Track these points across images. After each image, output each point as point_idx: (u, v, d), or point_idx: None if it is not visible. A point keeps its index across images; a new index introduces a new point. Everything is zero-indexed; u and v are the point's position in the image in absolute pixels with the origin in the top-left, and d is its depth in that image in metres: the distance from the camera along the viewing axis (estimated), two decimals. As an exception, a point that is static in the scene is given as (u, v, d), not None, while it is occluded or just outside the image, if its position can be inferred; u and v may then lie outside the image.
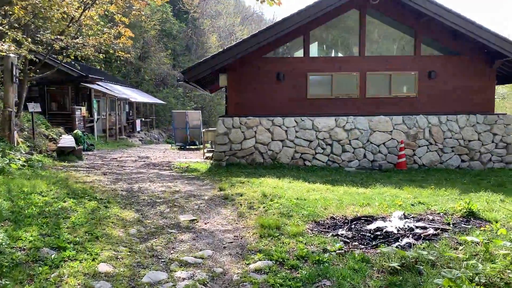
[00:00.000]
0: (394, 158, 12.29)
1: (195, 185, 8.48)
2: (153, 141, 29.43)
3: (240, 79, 12.48)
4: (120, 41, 19.07)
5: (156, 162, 13.41)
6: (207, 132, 14.91)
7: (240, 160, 12.22)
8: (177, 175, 9.91)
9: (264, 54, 12.55)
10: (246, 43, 11.62)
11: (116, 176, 9.48)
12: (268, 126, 12.25)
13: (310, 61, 12.57)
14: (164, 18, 45.15)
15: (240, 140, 12.23)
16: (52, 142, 14.83)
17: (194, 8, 51.51)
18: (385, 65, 12.62)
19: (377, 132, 12.39)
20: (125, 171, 10.52)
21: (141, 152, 17.19)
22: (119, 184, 8.31)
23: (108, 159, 13.96)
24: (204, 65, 11.65)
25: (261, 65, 12.50)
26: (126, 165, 12.06)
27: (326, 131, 12.30)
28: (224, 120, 12.29)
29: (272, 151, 12.25)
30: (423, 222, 5.18)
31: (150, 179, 9.15)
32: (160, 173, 10.43)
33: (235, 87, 12.50)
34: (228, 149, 12.23)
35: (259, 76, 12.49)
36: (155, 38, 42.43)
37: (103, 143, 20.35)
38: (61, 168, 10.43)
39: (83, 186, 7.44)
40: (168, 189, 7.87)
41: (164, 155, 16.25)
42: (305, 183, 8.45)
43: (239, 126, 12.24)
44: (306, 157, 12.27)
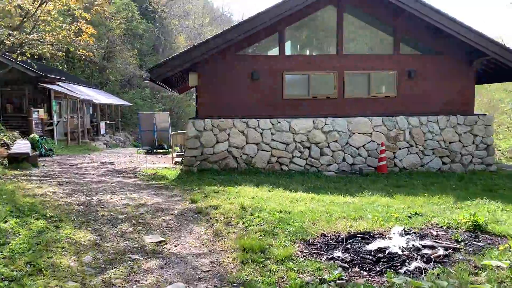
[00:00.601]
0: (375, 161, 11.73)
1: (163, 196, 7.55)
2: (119, 144, 28.04)
3: (211, 78, 11.61)
4: (81, 39, 17.82)
5: (121, 168, 12.33)
6: (176, 135, 13.94)
7: (213, 165, 11.35)
8: (143, 184, 8.94)
9: (237, 51, 11.74)
10: (219, 39, 10.76)
11: (74, 186, 8.42)
12: (242, 128, 11.44)
13: (286, 59, 11.85)
14: (129, 17, 43.61)
15: (212, 143, 11.36)
16: (4, 147, 13.48)
17: (161, 7, 50.15)
18: (364, 64, 12.06)
19: (356, 134, 11.80)
20: (84, 180, 9.45)
21: (105, 157, 16.00)
22: (76, 196, 7.29)
23: (67, 165, 12.77)
24: (172, 62, 10.71)
25: (234, 63, 11.68)
26: (86, 173, 10.95)
27: (304, 133, 11.61)
28: (194, 122, 11.39)
29: (246, 155, 11.44)
30: (429, 240, 4.50)
31: (112, 189, 8.15)
32: (124, 181, 9.42)
33: (207, 87, 11.63)
34: (199, 153, 11.33)
35: (232, 75, 11.66)
36: (121, 37, 40.84)
37: (64, 147, 18.97)
38: (11, 177, 9.26)
39: (31, 201, 6.39)
40: (132, 202, 6.92)
41: (130, 160, 15.15)
42: (286, 192, 7.69)
43: (211, 129, 11.37)
44: (283, 161, 11.53)
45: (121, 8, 42.15)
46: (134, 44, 43.58)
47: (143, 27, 46.78)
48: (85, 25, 17.51)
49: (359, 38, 12.47)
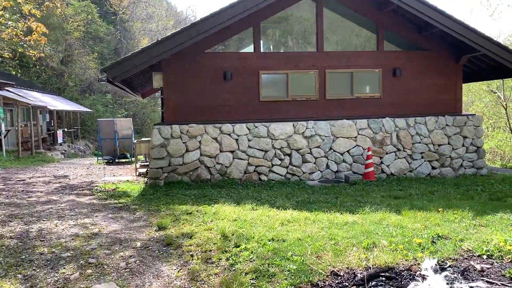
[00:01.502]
0: (361, 167, 10.71)
1: (123, 220, 6.15)
2: (78, 153, 26.04)
3: (179, 78, 10.28)
4: (31, 38, 16.01)
5: (76, 183, 10.76)
6: (139, 143, 12.47)
7: (182, 177, 10.00)
8: (99, 204, 7.49)
9: (207, 48, 10.46)
10: (186, 33, 9.44)
11: (13, 209, 6.88)
12: (215, 134, 10.16)
13: (262, 57, 10.67)
14: (89, 19, 41.46)
15: (181, 152, 10.01)
16: None
17: (123, 9, 48.19)
18: (346, 62, 11.05)
19: (340, 138, 10.76)
20: (28, 200, 7.89)
21: (60, 170, 14.29)
22: (12, 224, 5.79)
23: (13, 181, 11.06)
24: (132, 60, 9.29)
25: (204, 62, 10.39)
26: (33, 190, 9.35)
27: (284, 138, 10.45)
28: (160, 129, 10.01)
29: (221, 165, 10.16)
30: (480, 281, 3.38)
31: (60, 212, 6.67)
32: (77, 201, 7.93)
33: (173, 89, 10.28)
34: (166, 164, 9.95)
35: (202, 74, 10.36)
36: (80, 40, 38.65)
37: (14, 160, 17.02)
38: None
39: None
40: (82, 231, 5.50)
41: (88, 172, 13.53)
42: (272, 210, 6.46)
43: (180, 136, 10.03)
44: (262, 170, 10.32)
45: (79, 10, 39.99)
46: (94, 47, 41.44)
47: (103, 30, 44.66)
48: (36, 23, 15.74)
49: (341, 34, 11.46)
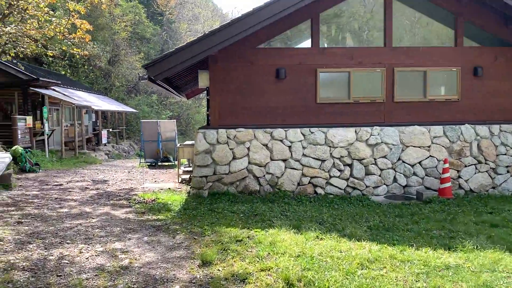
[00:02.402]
0: (434, 182, 9.17)
1: (160, 246, 5.07)
2: (122, 154, 25.74)
3: (226, 77, 9.19)
4: (75, 36, 15.52)
5: (114, 190, 9.92)
6: (183, 148, 11.50)
7: (228, 188, 8.89)
8: (135, 221, 6.48)
9: (258, 44, 9.30)
10: (234, 26, 8.31)
11: (38, 225, 6.00)
12: (265, 140, 8.98)
13: (320, 53, 9.38)
14: (136, 20, 41.71)
15: (227, 160, 8.91)
16: (-23, 163, 11.16)
17: (170, 10, 48.29)
18: (419, 59, 9.54)
19: (410, 147, 9.27)
20: (58, 212, 7.03)
21: (100, 173, 13.63)
22: (30, 248, 4.85)
23: (49, 186, 10.39)
24: (176, 56, 8.27)
25: (254, 59, 9.24)
26: (67, 198, 8.55)
27: (344, 146, 9.11)
28: (205, 133, 8.95)
29: (271, 175, 8.97)
30: None
31: (88, 232, 5.69)
32: (111, 214, 6.97)
33: (220, 89, 9.19)
34: (211, 172, 8.88)
35: (252, 73, 9.22)
36: (127, 41, 38.86)
37: (57, 160, 16.64)
38: (-40, 209, 6.89)
39: None
40: (110, 262, 4.46)
41: (129, 176, 12.74)
42: (343, 240, 5.17)
43: (226, 141, 8.93)
44: (318, 183, 9.02)
45: (127, 11, 40.27)
46: (141, 48, 41.64)
47: (150, 30, 44.88)
48: (80, 21, 15.22)
49: (412, 27, 9.96)
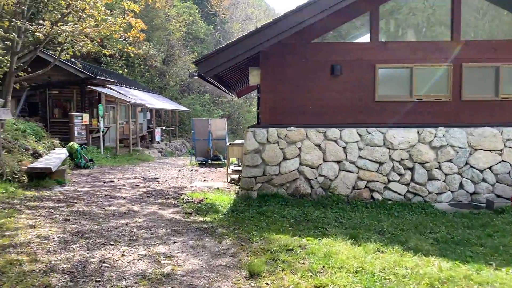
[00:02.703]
0: (506, 189, 8.24)
1: (205, 252, 4.75)
2: (175, 152, 26.08)
3: (278, 74, 8.78)
4: (130, 35, 15.78)
5: (163, 188, 9.82)
6: (232, 147, 11.23)
7: (278, 190, 8.48)
8: (182, 222, 6.22)
9: (312, 38, 8.81)
10: (287, 19, 7.88)
11: (84, 223, 5.90)
12: (318, 140, 8.48)
13: (380, 47, 8.72)
14: (190, 20, 42.41)
15: (277, 160, 8.50)
16: (35, 158, 11.53)
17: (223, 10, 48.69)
18: (491, 54, 8.63)
19: (480, 151, 8.39)
20: (106, 210, 6.95)
21: (151, 170, 13.70)
22: (73, 248, 4.70)
23: (101, 183, 10.49)
24: (227, 52, 7.98)
25: (308, 54, 8.76)
26: (117, 196, 8.52)
27: (405, 148, 8.40)
28: (255, 132, 8.60)
29: (324, 177, 8.45)
30: None
31: (133, 233, 5.50)
32: (159, 214, 6.79)
33: (272, 86, 8.80)
34: (260, 173, 8.51)
35: (305, 69, 8.74)
36: (181, 41, 39.59)
37: (111, 157, 17.01)
38: (14, 202, 6.98)
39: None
40: (152, 268, 4.19)
41: (179, 175, 12.68)
42: (407, 255, 4.59)
43: (277, 141, 8.52)
44: (375, 187, 8.39)
45: (182, 11, 41.02)
46: (194, 48, 42.28)
47: (204, 30, 45.49)
48: (134, 19, 15.45)
49: (483, 19, 9.05)
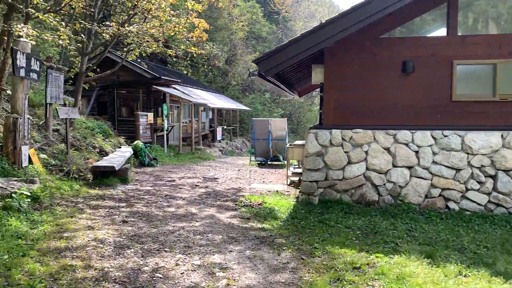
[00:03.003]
0: None
1: (262, 265, 4.41)
2: (235, 151, 26.17)
3: (343, 71, 8.24)
4: (193, 35, 15.87)
5: (222, 189, 9.65)
6: (292, 148, 10.83)
7: (342, 196, 7.96)
8: (239, 228, 5.94)
9: (381, 33, 8.17)
10: (354, 13, 7.33)
11: (142, 226, 5.80)
12: (387, 144, 7.84)
13: (458, 42, 7.89)
14: (253, 19, 42.52)
15: (341, 164, 7.98)
16: (102, 156, 11.90)
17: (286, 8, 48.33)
18: None
19: None
20: (165, 212, 6.85)
21: (212, 170, 13.66)
22: (127, 254, 4.57)
23: (162, 181, 10.56)
24: (288, 49, 7.59)
25: (376, 50, 8.13)
26: (176, 196, 8.45)
27: (486, 154, 7.53)
28: (317, 133, 8.13)
29: (393, 184, 7.80)
30: None
31: (189, 239, 5.28)
32: (216, 218, 6.57)
33: (336, 84, 8.28)
34: (322, 177, 8.03)
35: (373, 66, 8.12)
36: (243, 40, 39.79)
37: (174, 156, 17.29)
38: (73, 202, 7.10)
39: (44, 269, 3.82)
40: (205, 281, 3.92)
41: (238, 175, 12.50)
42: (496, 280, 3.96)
43: (341, 143, 8.00)
44: (451, 196, 7.59)
45: (245, 11, 41.22)
46: (256, 47, 42.32)
47: (266, 29, 45.44)
48: (198, 19, 15.51)
49: None
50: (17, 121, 7.41)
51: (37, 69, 8.19)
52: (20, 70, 7.34)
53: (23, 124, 7.64)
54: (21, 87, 7.60)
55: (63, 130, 11.63)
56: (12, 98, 7.65)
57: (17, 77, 7.48)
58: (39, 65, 8.29)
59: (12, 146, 7.37)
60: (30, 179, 6.81)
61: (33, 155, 8.06)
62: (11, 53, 7.11)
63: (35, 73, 8.11)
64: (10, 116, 7.41)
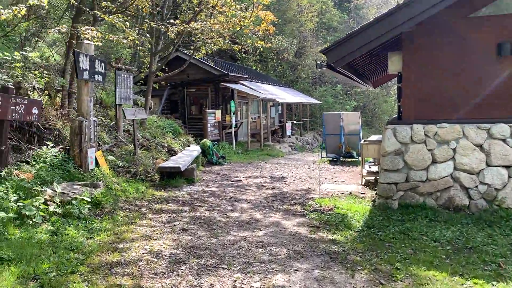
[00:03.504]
0: None
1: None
2: (306, 146, 25.41)
3: (425, 59, 7.23)
4: (259, 28, 15.39)
5: (290, 190, 9.06)
6: (367, 145, 9.90)
7: (425, 200, 7.00)
8: (306, 240, 5.31)
9: (470, 12, 7.03)
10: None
11: (200, 236, 5.39)
12: (479, 139, 6.74)
13: None
14: (323, 9, 41.20)
15: (424, 164, 7.01)
16: (171, 155, 11.87)
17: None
18: None
19: None
20: (227, 217, 6.42)
21: (280, 168, 13.12)
22: (181, 271, 4.15)
23: (229, 181, 10.23)
24: (360, 36, 6.75)
25: (465, 32, 7.01)
26: (241, 199, 8.02)
27: None
28: (395, 129, 7.22)
29: (487, 186, 6.68)
30: None
31: (249, 253, 4.75)
32: (282, 225, 6.00)
33: (417, 74, 7.29)
34: (402, 179, 7.12)
35: (461, 51, 7.02)
36: (313, 31, 38.71)
37: (242, 153, 17.02)
38: (137, 206, 6.92)
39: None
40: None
41: (308, 174, 11.82)
42: None
43: (424, 140, 7.02)
44: (562, 201, 6.33)
45: (314, 1, 40.04)
46: (327, 37, 40.99)
47: (337, 19, 43.89)
48: (264, 12, 14.99)
49: None
50: (82, 124, 7.40)
51: (101, 71, 8.16)
52: (84, 72, 7.30)
53: (89, 126, 7.63)
54: (86, 89, 7.58)
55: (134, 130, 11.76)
56: (78, 101, 7.66)
57: (81, 80, 7.45)
58: (103, 67, 8.26)
59: (78, 149, 7.38)
60: (94, 183, 6.73)
61: (100, 157, 8.05)
62: (73, 55, 7.07)
63: (99, 75, 8.09)
64: (76, 119, 7.42)
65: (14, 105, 5.87)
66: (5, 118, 5.70)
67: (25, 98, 6.35)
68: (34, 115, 6.39)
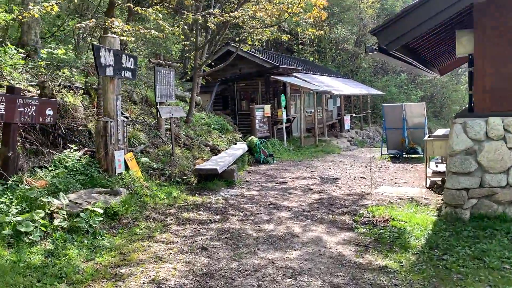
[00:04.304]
0: None
1: None
2: (366, 141, 23.79)
3: (502, 37, 5.81)
4: (310, 15, 14.26)
5: (340, 195, 7.97)
6: (432, 141, 8.46)
7: (506, 210, 5.63)
8: (350, 266, 4.25)
9: None
10: None
11: (217, 260, 4.52)
12: None
13: None
14: (386, -6, 38.83)
15: (504, 166, 5.64)
16: (214, 154, 11.18)
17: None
18: None
19: None
20: (258, 233, 5.51)
21: (333, 167, 11.97)
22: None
23: (273, 183, 9.33)
24: (418, 11, 5.48)
25: (559, -2, 5.51)
26: (282, 206, 7.07)
27: None
28: (466, 124, 5.89)
29: None
30: None
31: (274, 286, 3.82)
32: (322, 244, 4.98)
33: (493, 55, 5.89)
34: (475, 184, 5.79)
35: (554, 22, 5.54)
36: (374, 18, 36.54)
37: (293, 150, 15.99)
38: (164, 215, 6.23)
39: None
40: None
41: (364, 173, 10.58)
42: None
43: (502, 136, 5.65)
44: None
45: (377, -14, 37.74)
46: (389, 24, 38.53)
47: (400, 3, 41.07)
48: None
49: None
50: (107, 124, 6.84)
51: (131, 66, 7.57)
52: (106, 68, 6.72)
53: (116, 127, 7.07)
54: (111, 87, 7.02)
55: (176, 128, 11.21)
56: (103, 100, 7.13)
57: (106, 77, 6.89)
58: (133, 62, 7.67)
59: (104, 152, 6.83)
60: (114, 190, 6.12)
61: (130, 159, 7.48)
62: (92, 50, 6.51)
63: (128, 71, 7.50)
64: (101, 120, 6.88)
65: (23, 106, 5.39)
66: (11, 121, 5.22)
67: (36, 98, 5.87)
68: (49, 116, 5.89)
